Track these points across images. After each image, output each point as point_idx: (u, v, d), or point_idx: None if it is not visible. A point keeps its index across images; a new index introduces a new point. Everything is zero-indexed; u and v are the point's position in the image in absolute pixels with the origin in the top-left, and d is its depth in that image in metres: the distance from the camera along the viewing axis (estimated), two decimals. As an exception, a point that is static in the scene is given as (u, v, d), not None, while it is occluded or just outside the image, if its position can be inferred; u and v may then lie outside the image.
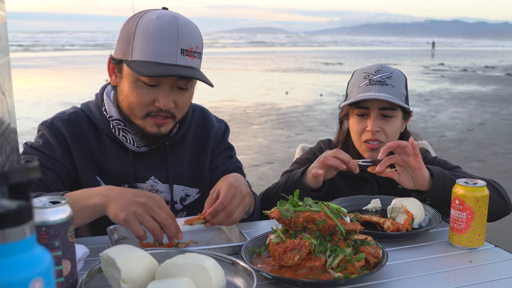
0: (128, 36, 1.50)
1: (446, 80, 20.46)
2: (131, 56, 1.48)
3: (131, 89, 1.51)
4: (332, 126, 9.54)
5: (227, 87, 16.19)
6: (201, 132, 1.79)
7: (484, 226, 1.43)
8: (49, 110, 10.95)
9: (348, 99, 1.86)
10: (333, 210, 1.28)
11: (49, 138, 1.61)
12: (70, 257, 1.07)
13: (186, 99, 1.57)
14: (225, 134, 1.86)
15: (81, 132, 1.64)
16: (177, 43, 1.47)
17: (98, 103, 1.67)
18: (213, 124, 1.82)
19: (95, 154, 1.64)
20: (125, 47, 1.51)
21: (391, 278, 1.25)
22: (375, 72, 1.84)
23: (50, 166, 1.58)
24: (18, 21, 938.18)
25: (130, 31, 1.50)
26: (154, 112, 1.52)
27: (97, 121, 1.64)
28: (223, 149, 1.84)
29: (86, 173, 1.63)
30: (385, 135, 1.82)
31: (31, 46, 53.40)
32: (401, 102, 1.80)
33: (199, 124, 1.80)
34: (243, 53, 46.21)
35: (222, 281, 1.08)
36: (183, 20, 1.52)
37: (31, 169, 0.67)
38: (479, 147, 8.10)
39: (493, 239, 1.54)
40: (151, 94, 1.50)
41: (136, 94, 1.51)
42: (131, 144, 1.63)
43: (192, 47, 1.50)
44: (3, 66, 1.44)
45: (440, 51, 59.65)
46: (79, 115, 1.66)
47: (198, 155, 1.78)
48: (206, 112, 1.85)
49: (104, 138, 1.65)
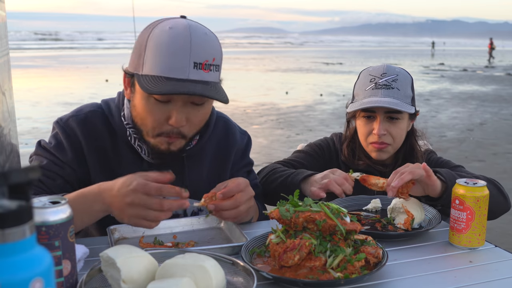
0: (140, 48, 1.42)
1: (446, 80, 20.45)
2: (142, 70, 1.40)
3: (144, 106, 1.44)
4: (332, 126, 9.54)
5: (227, 87, 16.15)
6: (222, 146, 1.71)
7: (484, 226, 1.43)
8: (49, 110, 10.95)
9: (355, 101, 1.89)
10: (333, 210, 1.28)
11: (62, 139, 1.56)
12: (70, 257, 1.07)
13: (200, 116, 1.49)
14: (247, 148, 1.80)
15: (97, 133, 1.58)
16: (189, 55, 1.37)
17: (119, 105, 1.59)
18: (235, 138, 1.75)
19: (109, 158, 1.59)
20: (136, 60, 1.44)
21: (391, 278, 1.25)
22: (381, 75, 1.85)
23: (58, 171, 1.54)
24: (18, 21, 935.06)
25: (142, 43, 1.42)
26: (167, 132, 1.45)
27: (115, 124, 1.58)
28: (244, 164, 1.79)
29: (99, 176, 1.56)
30: (392, 138, 1.85)
31: (31, 46, 53.37)
32: (407, 107, 1.81)
33: (221, 137, 1.72)
34: (243, 53, 46.20)
35: (222, 281, 1.08)
36: (198, 30, 1.42)
37: (31, 169, 0.67)
38: (479, 147, 8.10)
39: (493, 239, 1.54)
40: (164, 110, 1.42)
41: (147, 111, 1.44)
42: (145, 154, 1.57)
43: (207, 59, 1.40)
44: (3, 66, 1.44)
45: (440, 51, 59.65)
46: (96, 114, 1.59)
47: (218, 169, 1.71)
48: (230, 123, 1.77)
49: (120, 143, 1.59)
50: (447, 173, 1.61)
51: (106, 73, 20.20)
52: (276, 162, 1.98)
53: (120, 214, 1.29)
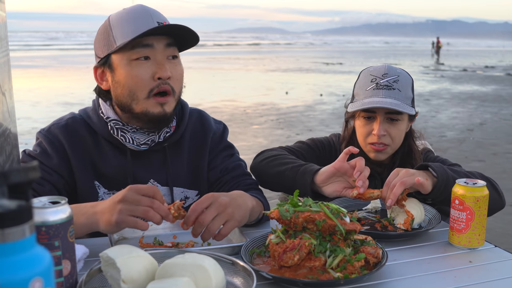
0: (105, 32, 1.56)
1: (446, 80, 20.45)
2: (115, 44, 1.52)
3: (128, 72, 1.52)
4: (332, 126, 9.53)
5: (227, 87, 16.19)
6: (198, 134, 1.77)
7: (484, 226, 1.44)
8: (49, 110, 10.95)
9: (355, 101, 1.88)
10: (333, 210, 1.28)
11: (46, 146, 1.61)
12: (70, 257, 1.07)
13: (180, 70, 1.59)
14: (224, 134, 1.83)
15: (79, 137, 1.63)
16: (151, 17, 1.51)
17: (95, 107, 1.66)
18: (210, 125, 1.80)
19: (93, 159, 1.63)
20: (105, 42, 1.55)
21: (391, 278, 1.25)
22: (382, 75, 1.85)
23: (46, 177, 1.57)
24: (18, 21, 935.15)
25: (105, 28, 1.56)
26: (155, 87, 1.52)
27: (95, 124, 1.64)
28: (222, 148, 1.81)
29: (84, 178, 1.62)
30: (391, 138, 1.85)
31: (31, 46, 53.37)
32: (408, 108, 1.81)
33: (196, 126, 1.77)
34: (243, 53, 46.21)
35: (222, 281, 1.08)
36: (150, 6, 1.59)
37: (31, 169, 0.67)
38: (479, 147, 8.10)
39: (493, 239, 1.54)
40: (148, 67, 1.51)
41: (134, 74, 1.51)
42: (130, 142, 1.61)
43: (166, 21, 1.54)
44: (3, 66, 1.44)
45: (443, 51, 59.63)
46: (76, 120, 1.66)
47: (196, 157, 1.76)
48: (203, 114, 1.84)
49: (102, 142, 1.64)
50: (439, 168, 1.60)
51: (106, 73, 20.16)
52: (280, 148, 1.96)
53: (109, 214, 1.27)
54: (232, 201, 1.36)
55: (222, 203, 1.33)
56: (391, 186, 1.54)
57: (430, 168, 1.60)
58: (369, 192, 1.57)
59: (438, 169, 1.60)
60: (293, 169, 1.71)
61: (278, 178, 1.76)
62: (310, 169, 1.68)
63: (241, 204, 1.40)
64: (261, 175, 1.85)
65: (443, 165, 1.64)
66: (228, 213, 1.33)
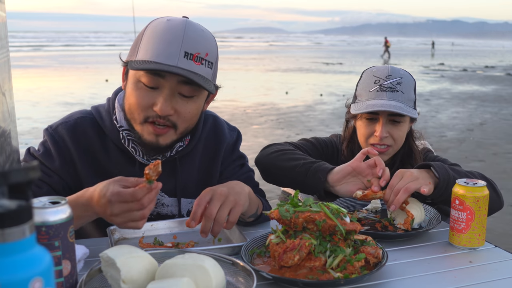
0: (138, 38, 1.47)
1: (446, 80, 20.44)
2: (136, 57, 1.43)
3: (132, 90, 1.45)
4: (332, 126, 9.53)
5: (227, 87, 16.14)
6: (211, 143, 1.70)
7: (484, 226, 1.43)
8: (49, 110, 10.95)
9: (358, 102, 1.88)
10: (333, 211, 1.28)
11: (50, 146, 1.55)
12: (70, 257, 1.07)
13: (190, 109, 1.46)
14: (237, 144, 1.78)
15: (87, 139, 1.57)
16: (181, 44, 1.38)
17: (110, 109, 1.59)
18: (224, 135, 1.73)
19: (101, 163, 1.57)
20: (132, 49, 1.47)
21: (391, 278, 1.25)
22: (385, 77, 1.84)
23: (45, 178, 1.53)
24: (18, 21, 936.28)
25: (140, 33, 1.47)
26: (152, 117, 1.44)
27: (107, 128, 1.57)
28: (234, 159, 1.77)
29: (91, 182, 1.52)
30: (393, 140, 1.85)
31: (32, 46, 53.37)
32: (411, 111, 1.81)
33: (209, 134, 1.71)
34: (243, 53, 46.20)
35: (222, 281, 1.08)
36: (195, 25, 1.44)
37: (31, 169, 0.67)
38: (479, 147, 8.10)
39: (493, 239, 1.54)
40: (150, 97, 1.42)
41: (135, 95, 1.44)
42: (140, 156, 1.56)
43: (199, 52, 1.40)
44: (3, 66, 1.44)
45: (440, 50, 59.65)
46: (86, 120, 1.59)
47: (208, 167, 1.70)
48: (218, 121, 1.76)
49: (112, 147, 1.58)
50: (440, 168, 1.60)
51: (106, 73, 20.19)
52: (287, 143, 1.95)
53: (109, 221, 1.28)
54: (230, 190, 1.39)
55: (222, 193, 1.35)
56: (394, 191, 1.53)
57: (432, 168, 1.60)
58: (372, 193, 1.57)
59: (440, 169, 1.60)
60: (305, 165, 1.70)
61: (287, 172, 1.74)
62: (324, 167, 1.66)
63: (239, 191, 1.42)
64: (269, 168, 1.83)
65: (444, 165, 1.64)
66: (231, 200, 1.36)
